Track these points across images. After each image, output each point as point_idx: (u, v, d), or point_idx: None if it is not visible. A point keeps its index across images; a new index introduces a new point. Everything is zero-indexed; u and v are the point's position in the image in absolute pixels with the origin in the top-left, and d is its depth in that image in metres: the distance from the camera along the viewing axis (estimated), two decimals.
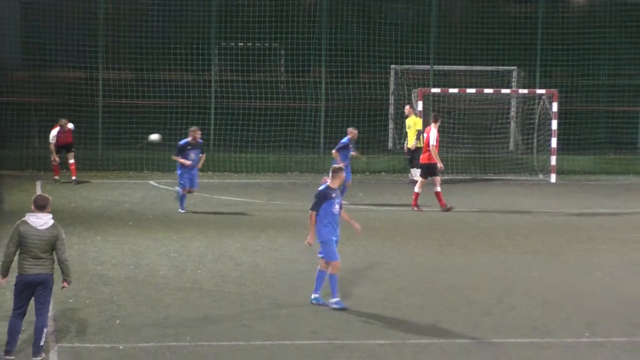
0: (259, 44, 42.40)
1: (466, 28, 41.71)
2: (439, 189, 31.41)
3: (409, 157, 37.03)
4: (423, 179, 31.86)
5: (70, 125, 36.08)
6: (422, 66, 40.63)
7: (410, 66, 40.76)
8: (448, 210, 30.98)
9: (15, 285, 16.30)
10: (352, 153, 32.17)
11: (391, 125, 41.31)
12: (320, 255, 20.18)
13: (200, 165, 29.71)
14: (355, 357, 17.03)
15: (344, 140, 32.30)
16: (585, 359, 16.90)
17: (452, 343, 17.90)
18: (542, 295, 21.42)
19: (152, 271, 23.05)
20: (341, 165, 22.65)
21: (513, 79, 41.27)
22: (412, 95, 39.16)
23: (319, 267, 20.07)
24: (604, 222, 30.83)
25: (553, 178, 38.89)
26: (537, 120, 39.73)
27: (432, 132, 31.29)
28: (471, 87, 39.14)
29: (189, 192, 29.53)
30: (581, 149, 40.79)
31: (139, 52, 39.64)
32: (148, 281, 22.08)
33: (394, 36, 41.16)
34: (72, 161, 36.01)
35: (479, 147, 39.64)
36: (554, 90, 38.70)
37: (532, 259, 25.12)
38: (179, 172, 29.48)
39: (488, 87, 39.63)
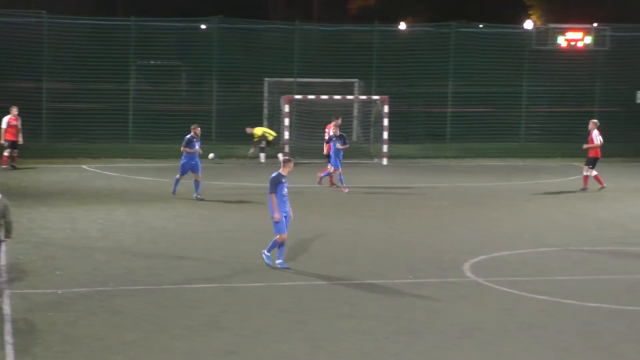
0: (166, 62, 42.13)
1: (321, 50, 41.93)
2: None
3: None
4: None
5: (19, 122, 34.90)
6: (288, 79, 40.76)
7: (279, 79, 40.91)
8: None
9: None
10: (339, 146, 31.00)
11: (265, 123, 41.49)
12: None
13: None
14: (237, 295, 17.16)
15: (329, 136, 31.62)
16: (409, 295, 17.19)
17: (311, 285, 18.11)
18: (377, 247, 21.81)
19: (84, 234, 23.04)
20: (289, 157, 21.50)
21: (355, 88, 41.75)
22: (281, 100, 39.36)
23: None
24: (422, 193, 31.37)
25: (385, 161, 39.36)
26: (372, 119, 40.28)
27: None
28: (324, 94, 39.42)
29: (197, 178, 28.47)
30: (405, 140, 41.45)
31: (76, 67, 39.13)
32: (81, 241, 21.99)
33: (267, 55, 41.23)
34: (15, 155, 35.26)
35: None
36: (385, 97, 39.37)
37: (370, 221, 25.54)
38: (183, 161, 28.54)
39: (337, 94, 39.98)
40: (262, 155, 38.53)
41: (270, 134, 38.50)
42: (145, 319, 15.46)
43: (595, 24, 44.37)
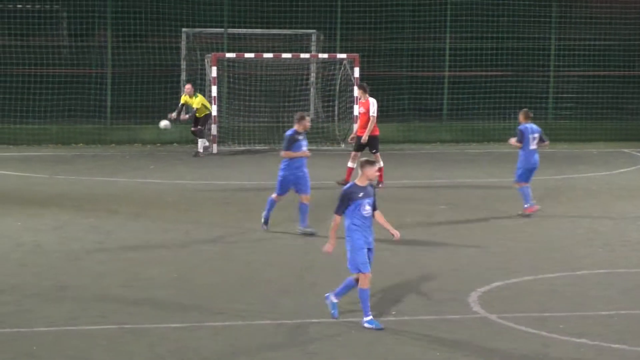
0: (38, 6, 41.95)
1: None
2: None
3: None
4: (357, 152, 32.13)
5: None
6: (215, 29, 40.80)
7: (203, 29, 40.90)
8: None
9: None
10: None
11: (182, 92, 41.42)
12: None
13: None
14: (145, 342, 17.07)
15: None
16: (391, 339, 17.21)
17: (251, 325, 18.11)
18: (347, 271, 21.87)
19: None
20: (371, 158, 19.88)
21: (312, 43, 41.87)
22: (206, 60, 39.34)
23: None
24: (409, 194, 31.58)
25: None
26: (338, 87, 40.31)
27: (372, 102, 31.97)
28: (268, 51, 39.51)
29: (303, 200, 25.79)
30: (384, 117, 41.47)
31: None
32: None
33: None
34: None
35: (277, 115, 40.03)
36: (356, 55, 39.62)
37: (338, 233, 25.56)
38: (282, 172, 25.59)
39: (286, 51, 40.08)
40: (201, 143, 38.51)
41: (207, 107, 38.53)
42: None
43: None
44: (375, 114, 31.87)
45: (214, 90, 38.52)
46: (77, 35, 42.30)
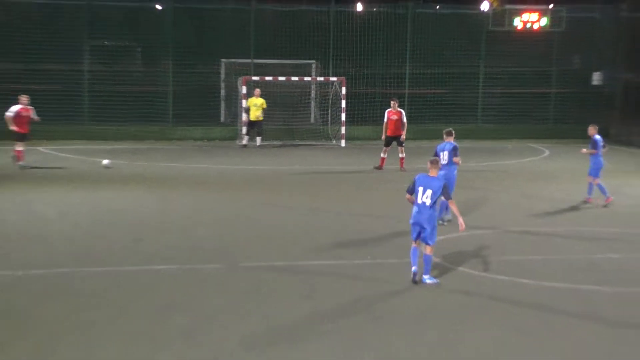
0: (120, 42, 41.93)
1: (277, 31, 41.87)
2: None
3: (248, 127, 37.21)
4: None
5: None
6: (244, 60, 40.78)
7: (236, 60, 40.89)
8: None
9: None
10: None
11: (222, 105, 41.51)
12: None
13: None
14: (197, 278, 17.18)
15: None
16: (368, 276, 17.17)
17: (270, 266, 18.03)
18: (335, 228, 21.89)
19: (41, 216, 22.92)
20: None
21: (312, 70, 41.81)
22: (238, 81, 39.32)
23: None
24: (380, 175, 31.48)
25: (343, 143, 39.62)
26: (330, 100, 40.33)
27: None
28: (282, 75, 39.50)
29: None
30: (363, 121, 41.59)
31: (27, 47, 38.89)
32: (38, 224, 21.88)
33: (223, 37, 41.12)
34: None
35: (288, 120, 40.10)
36: (343, 78, 39.66)
37: (328, 203, 25.68)
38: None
39: (294, 75, 40.07)
40: (246, 138, 38.26)
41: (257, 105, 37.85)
42: (104, 301, 15.45)
43: (551, 5, 44.59)
44: (405, 122, 32.28)
45: (244, 102, 38.54)
46: (148, 63, 42.24)
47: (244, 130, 37.90)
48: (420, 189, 16.23)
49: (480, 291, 16.49)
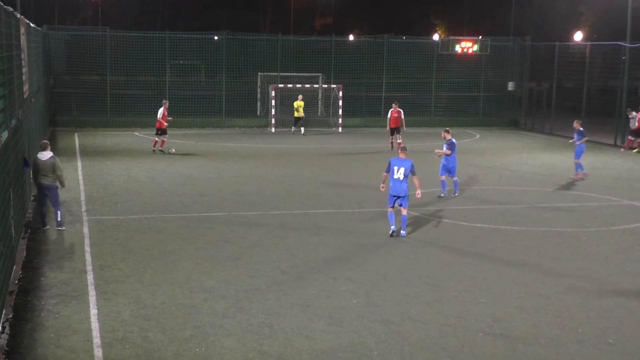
0: (190, 62, 41.78)
1: (296, 53, 41.63)
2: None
3: (296, 121, 36.56)
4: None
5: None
6: (274, 73, 40.51)
7: (268, 73, 40.66)
8: None
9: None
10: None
11: (258, 103, 41.45)
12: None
13: None
14: (241, 221, 16.90)
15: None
16: (357, 220, 17.13)
17: (290, 213, 17.98)
18: (334, 188, 21.65)
19: (137, 179, 22.68)
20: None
21: (320, 79, 41.52)
22: (269, 87, 39.09)
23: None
24: (367, 151, 31.28)
25: (340, 129, 39.31)
26: (332, 100, 40.03)
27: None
28: (298, 84, 39.23)
29: None
30: (354, 114, 41.29)
31: (129, 65, 38.72)
32: (135, 184, 21.60)
33: (259, 57, 40.88)
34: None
35: (305, 114, 39.82)
36: (340, 85, 39.22)
37: (330, 171, 25.50)
38: None
39: (308, 84, 39.84)
40: (294, 129, 37.15)
41: (300, 106, 36.62)
42: (178, 236, 15.47)
43: (480, 37, 44.38)
44: (404, 119, 30.30)
45: (273, 102, 38.33)
46: (209, 76, 42.05)
47: (293, 125, 37.03)
48: (395, 168, 15.22)
49: (431, 229, 16.43)
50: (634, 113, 32.42)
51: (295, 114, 36.55)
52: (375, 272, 13.05)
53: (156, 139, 29.09)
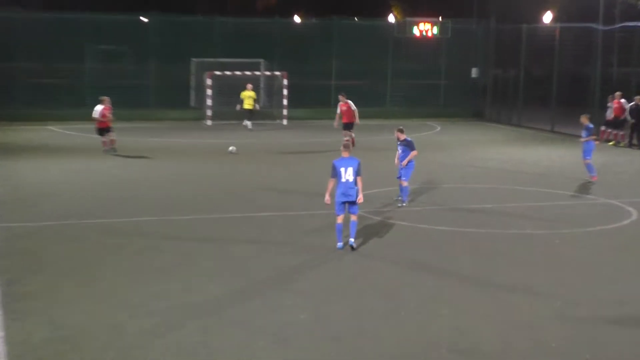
0: (113, 47, 41.32)
1: (235, 37, 41.48)
2: None
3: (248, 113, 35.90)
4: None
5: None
6: (210, 59, 40.26)
7: (203, 59, 40.38)
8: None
9: None
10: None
11: (192, 93, 41.25)
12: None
13: None
14: (174, 226, 16.84)
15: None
16: (304, 224, 17.08)
17: (228, 217, 17.87)
18: (281, 186, 21.65)
19: (52, 180, 22.52)
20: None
21: (261, 66, 41.42)
22: (204, 75, 38.87)
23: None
24: (314, 147, 31.25)
25: (285, 122, 39.30)
26: (275, 89, 39.92)
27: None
28: (238, 71, 39.06)
29: None
30: (300, 105, 41.27)
31: (43, 51, 38.01)
32: (49, 186, 21.56)
33: (193, 41, 40.58)
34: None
35: (242, 105, 39.68)
36: (285, 72, 39.17)
37: (275, 168, 25.46)
38: None
39: (249, 71, 39.72)
40: (247, 123, 36.29)
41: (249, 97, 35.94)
42: (100, 245, 15.20)
43: (440, 18, 44.72)
44: (355, 109, 29.21)
45: (209, 91, 38.07)
46: (136, 62, 41.51)
47: (247, 118, 36.32)
48: (342, 169, 14.56)
49: (388, 233, 16.42)
50: (623, 101, 32.45)
51: (246, 106, 35.85)
52: (325, 282, 12.98)
53: (103, 139, 28.16)
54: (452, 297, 12.29)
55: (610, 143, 32.87)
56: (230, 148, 28.23)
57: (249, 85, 36.42)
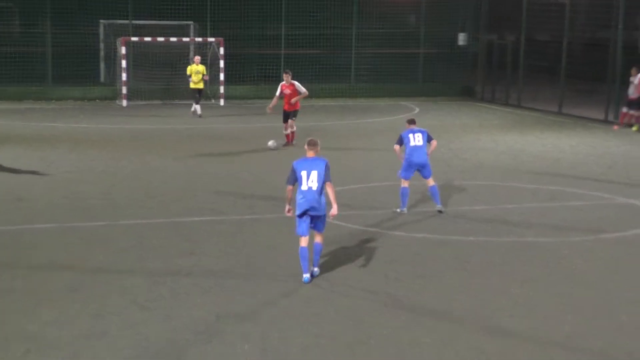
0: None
1: None
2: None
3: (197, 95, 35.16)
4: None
5: None
6: (123, 21, 40.13)
7: (115, 20, 40.22)
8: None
9: None
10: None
11: (102, 65, 41.00)
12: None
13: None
14: (79, 236, 16.95)
15: None
16: (248, 231, 17.28)
17: (152, 223, 18.07)
18: (216, 185, 21.82)
19: None
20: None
21: (191, 31, 41.44)
22: (117, 42, 38.76)
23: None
24: (258, 133, 31.28)
25: (222, 102, 39.43)
26: (208, 61, 39.84)
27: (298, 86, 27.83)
28: (161, 36, 39.00)
29: None
30: (241, 81, 41.43)
31: None
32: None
33: None
34: None
35: (167, 81, 39.69)
36: (221, 39, 39.34)
37: (208, 161, 25.55)
38: None
39: (173, 36, 39.64)
40: (196, 107, 35.37)
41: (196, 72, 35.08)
42: None
43: None
44: (306, 92, 28.23)
45: (124, 63, 38.00)
46: (25, 24, 41.26)
47: (194, 101, 35.26)
48: (304, 173, 14.01)
49: (354, 242, 16.60)
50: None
51: (193, 85, 35.11)
52: (275, 305, 13.11)
53: None
54: (435, 323, 12.51)
55: (634, 128, 33.44)
56: (270, 143, 27.57)
57: (197, 58, 35.66)
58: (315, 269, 14.45)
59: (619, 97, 35.36)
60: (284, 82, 28.23)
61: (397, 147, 19.29)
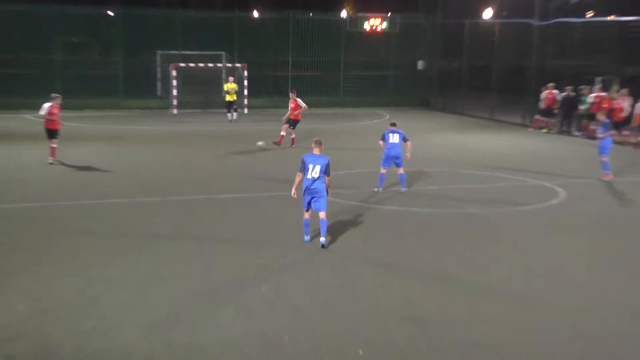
0: (82, 39, 40.85)
1: (198, 29, 41.37)
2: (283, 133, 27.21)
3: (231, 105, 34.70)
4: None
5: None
6: (175, 51, 40.10)
7: (168, 51, 40.21)
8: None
9: None
10: None
11: (159, 83, 41.07)
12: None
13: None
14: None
15: None
16: (264, 204, 17.13)
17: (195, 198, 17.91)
18: (240, 171, 21.69)
19: (26, 165, 22.40)
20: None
21: (222, 58, 41.35)
22: (169, 67, 38.78)
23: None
24: (272, 132, 31.26)
25: (246, 111, 39.41)
26: (236, 79, 39.64)
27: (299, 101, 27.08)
28: (201, 62, 38.99)
29: None
30: (260, 95, 41.40)
31: (17, 42, 37.37)
32: (22, 172, 21.31)
33: (158, 34, 40.37)
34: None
35: (206, 94, 39.71)
36: (245, 64, 39.19)
37: (232, 153, 25.47)
38: None
39: (211, 62, 39.64)
40: (230, 115, 34.84)
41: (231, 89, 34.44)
42: (72, 227, 15.06)
43: (389, 14, 45.02)
44: (306, 106, 27.36)
45: (174, 82, 38.00)
46: (104, 53, 41.14)
47: (227, 111, 34.95)
48: (310, 166, 13.73)
49: (342, 213, 16.64)
50: (555, 91, 32.87)
51: (228, 97, 34.65)
52: (284, 258, 13.15)
53: (52, 145, 22.81)
54: (401, 273, 12.60)
55: (543, 130, 33.53)
56: (259, 143, 26.74)
57: (231, 78, 35.15)
58: (323, 240, 13.80)
59: (533, 108, 35.49)
60: (290, 99, 27.73)
61: (381, 142, 19.30)
